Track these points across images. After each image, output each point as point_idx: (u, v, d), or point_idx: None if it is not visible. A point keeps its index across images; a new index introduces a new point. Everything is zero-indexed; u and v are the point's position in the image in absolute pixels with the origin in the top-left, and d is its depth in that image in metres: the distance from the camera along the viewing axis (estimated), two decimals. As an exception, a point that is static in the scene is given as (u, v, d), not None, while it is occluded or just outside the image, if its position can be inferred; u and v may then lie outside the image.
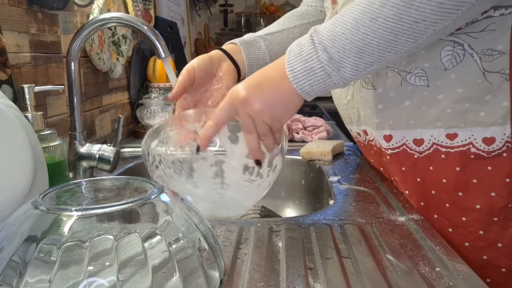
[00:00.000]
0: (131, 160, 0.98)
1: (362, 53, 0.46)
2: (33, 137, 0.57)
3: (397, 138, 0.67)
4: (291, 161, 1.00)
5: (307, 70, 0.48)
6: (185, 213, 0.42)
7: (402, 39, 0.45)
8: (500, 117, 0.57)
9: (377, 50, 0.46)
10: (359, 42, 0.45)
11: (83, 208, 0.37)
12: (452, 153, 0.61)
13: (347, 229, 0.56)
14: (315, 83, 0.49)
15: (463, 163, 0.61)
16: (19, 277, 0.34)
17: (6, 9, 0.73)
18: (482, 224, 0.61)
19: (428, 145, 0.63)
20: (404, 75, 0.62)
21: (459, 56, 0.58)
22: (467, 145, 0.60)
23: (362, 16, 0.45)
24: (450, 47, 0.58)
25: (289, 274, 0.45)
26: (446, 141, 0.62)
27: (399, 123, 0.65)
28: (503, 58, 0.55)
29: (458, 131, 0.60)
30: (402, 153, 0.67)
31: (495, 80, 0.56)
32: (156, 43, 0.73)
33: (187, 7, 2.39)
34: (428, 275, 0.44)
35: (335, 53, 0.46)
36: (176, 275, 0.37)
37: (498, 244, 0.61)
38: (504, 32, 0.55)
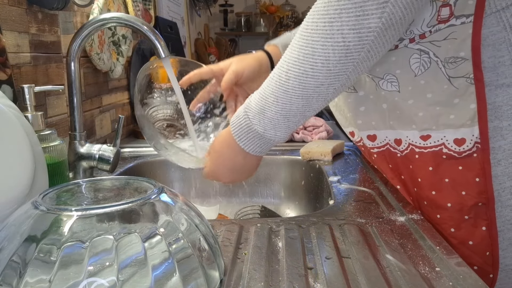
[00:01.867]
0: (131, 160, 0.98)
1: (288, 118, 0.53)
2: (33, 137, 0.57)
3: (381, 137, 0.71)
4: (291, 161, 1.00)
5: (250, 138, 0.57)
6: (185, 213, 0.42)
7: (313, 100, 0.52)
8: (469, 119, 0.59)
9: (298, 113, 0.53)
10: (282, 111, 0.53)
11: (83, 208, 0.37)
12: (425, 153, 0.64)
13: (347, 229, 0.56)
14: (262, 145, 0.57)
15: (435, 163, 0.63)
16: (19, 277, 0.34)
17: (6, 9, 0.73)
18: (453, 222, 0.63)
19: (405, 145, 0.67)
20: (377, 80, 0.65)
21: (426, 63, 0.60)
22: (439, 145, 0.62)
23: (277, 90, 0.52)
24: (417, 55, 0.60)
25: (289, 274, 0.45)
26: (420, 142, 0.64)
27: (382, 123, 0.69)
28: (466, 64, 0.57)
29: (431, 133, 0.63)
30: (387, 151, 0.71)
31: (461, 84, 0.58)
32: (156, 43, 0.73)
33: (187, 7, 2.39)
34: (428, 275, 0.44)
35: (267, 124, 0.54)
36: (176, 275, 0.37)
37: (469, 242, 0.63)
38: (465, 39, 0.56)
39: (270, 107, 0.53)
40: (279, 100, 0.52)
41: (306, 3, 3.62)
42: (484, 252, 0.62)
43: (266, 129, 0.55)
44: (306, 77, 0.49)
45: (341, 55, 0.47)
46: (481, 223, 0.61)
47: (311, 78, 0.49)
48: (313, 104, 0.52)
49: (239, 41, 3.85)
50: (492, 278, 0.63)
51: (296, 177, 0.99)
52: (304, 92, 0.51)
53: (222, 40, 3.16)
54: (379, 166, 0.77)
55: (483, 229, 0.62)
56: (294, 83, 0.50)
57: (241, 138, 0.57)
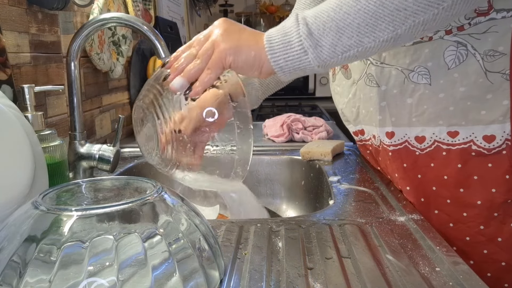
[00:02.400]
0: (131, 160, 0.98)
1: (341, 33, 0.46)
2: (33, 137, 0.57)
3: (399, 135, 0.68)
4: (291, 161, 1.00)
5: (284, 43, 0.47)
6: (185, 213, 0.42)
7: (382, 25, 0.45)
8: (500, 115, 0.59)
9: (356, 33, 0.46)
10: (340, 21, 0.45)
11: (83, 208, 0.37)
12: (453, 150, 0.63)
13: (347, 229, 0.56)
14: (290, 58, 0.48)
15: (464, 160, 0.62)
16: (19, 277, 0.34)
17: (6, 9, 0.73)
18: (482, 219, 0.62)
19: (430, 142, 0.65)
20: (407, 73, 0.64)
21: (462, 56, 0.59)
22: (468, 142, 0.61)
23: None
24: (453, 47, 0.60)
25: (289, 274, 0.45)
26: (447, 139, 0.63)
27: (402, 120, 0.67)
28: (504, 59, 0.57)
29: (459, 129, 0.62)
30: (404, 150, 0.69)
31: (496, 79, 0.58)
32: (156, 43, 0.73)
33: (187, 7, 2.39)
34: (428, 275, 0.44)
35: (315, 29, 0.46)
36: (176, 275, 0.37)
37: (498, 239, 0.62)
38: (505, 34, 0.56)
39: (328, 11, 0.46)
40: (343, 7, 0.45)
41: (306, 3, 3.61)
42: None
43: (310, 33, 0.46)
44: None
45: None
46: (509, 220, 0.61)
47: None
48: (377, 32, 0.46)
49: (239, 41, 3.84)
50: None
51: (296, 177, 0.99)
52: (379, 9, 0.44)
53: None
54: (392, 165, 0.73)
55: (511, 226, 0.61)
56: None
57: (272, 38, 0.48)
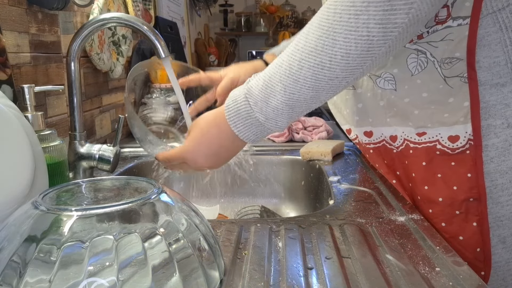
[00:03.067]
0: (131, 160, 0.98)
1: (293, 108, 0.51)
2: (33, 137, 0.57)
3: (376, 134, 0.73)
4: (291, 161, 1.00)
5: (248, 125, 0.54)
6: (185, 213, 0.42)
7: (323, 93, 0.50)
8: (462, 116, 0.60)
9: (304, 104, 0.51)
10: (288, 101, 0.50)
11: (83, 208, 0.37)
12: (419, 149, 0.66)
13: (347, 229, 0.56)
14: (258, 133, 0.55)
15: (429, 158, 0.65)
16: (19, 277, 0.34)
17: (6, 9, 0.73)
18: (444, 217, 0.64)
19: (401, 141, 0.68)
20: (375, 78, 0.67)
21: (423, 63, 0.61)
22: (433, 141, 0.64)
23: (286, 79, 0.50)
24: (414, 55, 0.61)
25: (289, 274, 0.45)
26: (415, 138, 0.66)
27: (378, 120, 0.70)
28: (461, 64, 0.59)
29: (426, 130, 0.64)
30: (383, 147, 0.73)
31: (455, 84, 0.60)
32: (156, 43, 0.73)
33: (187, 7, 2.39)
34: (428, 275, 0.44)
35: (270, 113, 0.52)
36: (176, 275, 0.37)
37: (460, 237, 0.64)
38: (461, 41, 0.58)
39: (276, 96, 0.51)
40: (287, 90, 0.50)
41: (306, 3, 3.61)
42: (475, 248, 0.63)
43: (267, 118, 0.52)
44: (322, 68, 0.48)
45: (363, 49, 0.46)
46: (472, 219, 0.62)
47: (327, 70, 0.48)
48: (321, 96, 0.51)
49: (239, 41, 3.85)
50: (484, 276, 0.64)
51: (296, 177, 0.99)
52: (316, 83, 0.49)
53: (222, 40, 3.16)
54: (374, 162, 0.79)
55: (474, 225, 0.62)
56: (307, 73, 0.48)
57: (236, 124, 0.54)
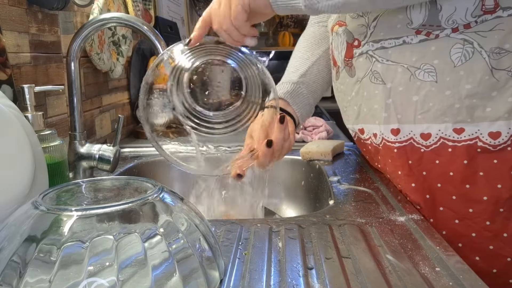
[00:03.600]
0: (131, 160, 0.98)
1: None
2: (33, 137, 0.57)
3: (404, 132, 0.69)
4: (291, 161, 1.00)
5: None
6: (185, 213, 0.42)
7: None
8: (506, 112, 0.60)
9: None
10: None
11: (83, 208, 0.37)
12: (459, 147, 0.63)
13: (347, 229, 0.56)
14: None
15: (470, 157, 0.63)
16: (19, 277, 0.34)
17: (6, 9, 0.73)
18: (488, 215, 0.63)
19: (435, 139, 0.65)
20: (413, 70, 0.64)
21: (468, 54, 0.60)
22: (473, 139, 0.62)
23: None
24: (460, 45, 0.60)
25: (289, 274, 0.45)
26: (453, 135, 0.64)
27: (407, 117, 0.67)
28: (510, 57, 0.58)
29: (465, 126, 0.63)
30: (409, 146, 0.69)
31: (502, 77, 0.59)
32: (156, 43, 0.73)
33: (187, 7, 2.39)
34: (428, 275, 0.44)
35: None
36: (176, 275, 0.37)
37: (504, 234, 0.63)
38: (511, 31, 0.57)
39: None
40: None
41: (306, 3, 3.60)
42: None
43: None
44: None
45: None
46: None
47: None
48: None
49: (239, 41, 3.84)
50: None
51: (296, 177, 0.99)
52: None
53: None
54: (393, 163, 0.73)
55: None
56: None
57: None
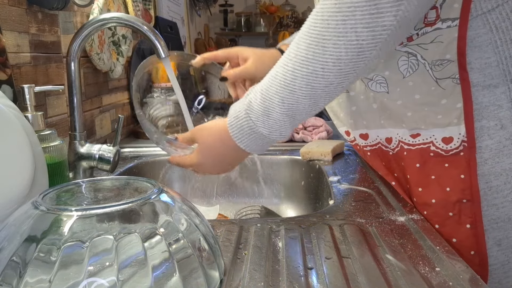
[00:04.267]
0: (131, 160, 0.98)
1: (293, 117, 0.53)
2: (33, 137, 0.57)
3: (372, 136, 0.72)
4: (291, 161, 1.00)
5: (252, 139, 0.56)
6: (185, 213, 0.42)
7: (320, 100, 0.51)
8: (455, 118, 0.60)
9: (304, 112, 0.52)
10: (288, 112, 0.52)
11: (83, 208, 0.37)
12: (413, 151, 0.65)
13: (347, 229, 0.56)
14: (264, 145, 0.57)
15: (423, 160, 0.64)
16: (19, 277, 0.34)
17: (6, 9, 0.73)
18: (438, 218, 0.64)
19: (396, 143, 0.68)
20: (366, 82, 0.66)
21: (414, 65, 0.61)
22: (427, 143, 0.64)
23: (282, 91, 0.51)
24: (405, 57, 0.61)
25: (289, 274, 0.45)
26: (409, 140, 0.66)
27: (373, 123, 0.70)
28: (452, 65, 0.58)
29: (421, 132, 0.64)
30: (379, 150, 0.73)
31: (448, 85, 0.59)
32: (156, 43, 0.73)
33: (187, 7, 2.39)
34: (428, 275, 0.44)
35: (273, 125, 0.53)
36: (176, 275, 0.37)
37: (453, 240, 0.63)
38: (451, 42, 0.57)
39: (275, 108, 0.52)
40: (285, 101, 0.51)
41: (306, 3, 3.61)
42: (469, 251, 0.63)
43: (271, 131, 0.54)
44: (316, 77, 0.48)
45: (353, 53, 0.46)
46: (466, 221, 0.62)
47: (321, 78, 0.48)
48: (320, 103, 0.52)
49: (239, 41, 3.84)
50: None
51: (296, 177, 0.99)
52: (312, 92, 0.50)
53: (222, 40, 3.16)
54: (373, 163, 0.79)
55: (467, 227, 0.62)
56: (301, 83, 0.49)
57: (241, 140, 0.56)
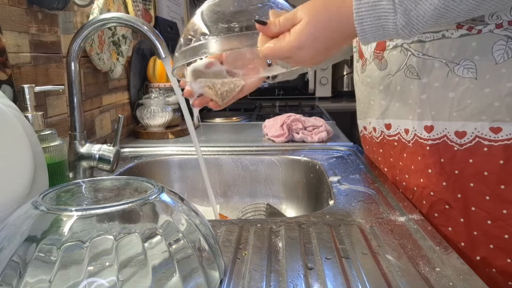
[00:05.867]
0: (131, 160, 0.98)
1: (440, 18, 0.46)
2: (33, 137, 0.57)
3: (438, 129, 0.67)
4: (291, 161, 1.00)
5: (377, 27, 0.48)
6: (185, 213, 0.42)
7: (486, 5, 0.45)
8: None
9: (454, 15, 0.46)
10: (442, 8, 0.45)
11: (83, 208, 0.37)
12: (495, 147, 0.62)
13: (347, 229, 0.56)
14: (381, 37, 0.49)
15: (506, 156, 0.61)
16: (19, 277, 0.34)
17: (6, 9, 0.73)
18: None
19: (470, 138, 0.64)
20: (452, 66, 0.62)
21: (511, 51, 0.58)
22: (511, 139, 0.60)
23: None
24: (503, 42, 0.58)
25: (289, 274, 0.45)
26: (489, 134, 0.62)
27: (442, 114, 0.65)
28: None
29: (503, 125, 0.61)
30: (442, 144, 0.67)
31: None
32: (156, 43, 0.73)
33: (187, 7, 2.39)
34: (428, 275, 0.44)
35: (414, 18, 0.46)
36: (176, 275, 0.37)
37: None
38: None
39: None
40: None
41: (306, 3, 3.61)
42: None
43: (407, 24, 0.47)
44: None
45: None
46: None
47: None
48: (479, 11, 0.45)
49: (239, 41, 3.85)
50: None
51: (296, 177, 0.99)
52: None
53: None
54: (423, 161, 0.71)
55: None
56: None
57: (363, 20, 0.47)
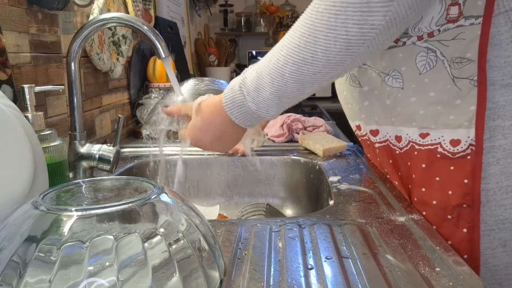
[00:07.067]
0: (131, 160, 0.98)
1: (281, 99, 0.55)
2: (33, 137, 0.57)
3: (382, 133, 0.72)
4: (291, 161, 1.00)
5: (242, 113, 0.58)
6: (185, 213, 0.42)
7: (307, 85, 0.53)
8: (466, 120, 0.60)
9: (292, 95, 0.55)
10: (276, 92, 0.54)
11: (83, 208, 0.37)
12: (422, 151, 0.66)
13: (347, 229, 0.56)
14: (252, 120, 0.59)
15: (429, 161, 0.65)
16: (19, 277, 0.34)
17: (6, 9, 0.73)
18: (436, 220, 0.65)
19: (405, 142, 0.68)
20: (383, 76, 0.67)
21: (432, 62, 0.61)
22: (435, 144, 0.64)
23: (274, 72, 0.53)
24: (424, 53, 0.61)
25: (289, 274, 0.45)
26: (419, 139, 0.66)
27: (384, 119, 0.70)
28: (472, 66, 0.58)
29: (430, 131, 0.64)
30: (387, 147, 0.73)
31: (464, 86, 0.59)
32: (156, 43, 0.73)
33: (187, 7, 2.39)
34: (428, 275, 0.44)
35: (261, 102, 0.56)
36: (176, 275, 0.37)
37: (448, 242, 0.63)
38: (473, 41, 0.57)
39: (265, 87, 0.54)
40: (274, 83, 0.54)
41: (306, 3, 3.59)
42: (462, 255, 0.62)
43: (259, 107, 0.56)
44: (305, 64, 0.50)
45: (342, 47, 0.48)
46: (463, 225, 0.62)
47: (310, 66, 0.50)
48: (307, 89, 0.54)
49: (239, 41, 3.84)
50: None
51: (296, 177, 0.99)
52: (300, 77, 0.52)
53: (222, 40, 3.16)
54: (381, 160, 0.79)
55: (463, 231, 0.62)
56: (292, 68, 0.52)
57: (232, 111, 0.58)
